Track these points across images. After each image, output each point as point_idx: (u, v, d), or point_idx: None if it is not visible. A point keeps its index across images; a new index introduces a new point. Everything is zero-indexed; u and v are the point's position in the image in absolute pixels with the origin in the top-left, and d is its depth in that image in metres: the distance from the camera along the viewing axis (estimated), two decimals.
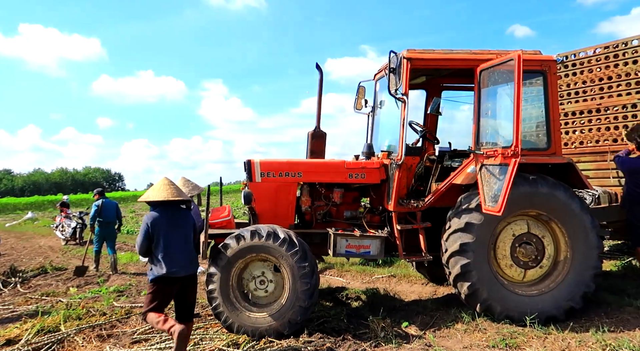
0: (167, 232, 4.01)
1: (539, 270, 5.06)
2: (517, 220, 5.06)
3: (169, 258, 3.96)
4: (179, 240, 4.04)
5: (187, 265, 4.07)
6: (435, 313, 5.38)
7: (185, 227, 4.14)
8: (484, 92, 5.12)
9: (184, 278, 4.06)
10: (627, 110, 6.83)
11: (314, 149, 6.21)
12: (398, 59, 4.86)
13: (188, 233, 4.16)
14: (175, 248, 4.01)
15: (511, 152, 4.47)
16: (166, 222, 4.04)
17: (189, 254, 4.11)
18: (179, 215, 4.16)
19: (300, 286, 4.67)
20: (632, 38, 6.86)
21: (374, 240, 5.25)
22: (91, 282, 8.54)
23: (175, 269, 3.95)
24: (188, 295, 4.20)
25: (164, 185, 4.16)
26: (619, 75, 6.91)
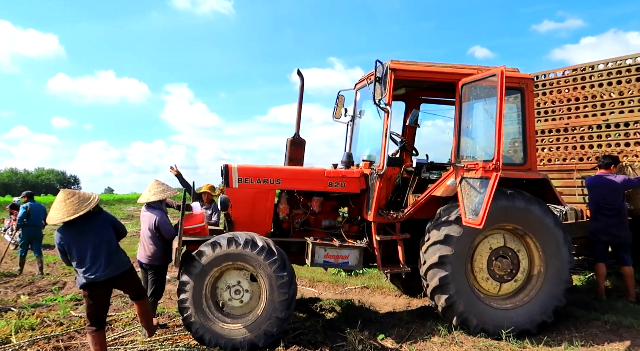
0: (78, 244, 4.03)
1: (514, 284, 5.13)
2: (494, 234, 5.12)
3: (86, 267, 4.01)
4: (92, 249, 4.04)
5: (105, 269, 4.04)
6: (411, 326, 5.34)
7: (98, 231, 4.11)
8: (464, 106, 5.18)
9: (106, 282, 4.09)
10: (592, 131, 7.12)
11: (292, 156, 6.07)
12: (384, 68, 4.85)
13: (102, 238, 4.11)
14: (90, 257, 4.02)
15: (492, 165, 4.52)
16: (75, 235, 4.05)
17: (106, 259, 4.07)
18: (87, 223, 4.08)
19: (277, 297, 4.51)
20: (598, 62, 7.20)
21: (352, 251, 5.17)
22: (44, 290, 8.02)
23: (93, 276, 4.00)
24: (126, 289, 4.42)
25: (59, 202, 4.05)
26: (586, 97, 7.21)
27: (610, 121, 6.88)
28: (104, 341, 4.25)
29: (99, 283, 4.06)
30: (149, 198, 5.04)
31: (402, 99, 6.85)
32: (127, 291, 4.50)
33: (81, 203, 4.04)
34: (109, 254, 4.12)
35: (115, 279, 4.18)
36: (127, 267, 4.30)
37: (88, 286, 4.05)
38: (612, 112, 6.87)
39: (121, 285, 4.34)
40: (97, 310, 4.14)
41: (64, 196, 4.08)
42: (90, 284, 4.04)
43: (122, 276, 4.23)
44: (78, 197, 4.09)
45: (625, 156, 6.69)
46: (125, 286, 4.39)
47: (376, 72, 4.87)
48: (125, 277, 4.28)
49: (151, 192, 5.08)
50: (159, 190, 5.10)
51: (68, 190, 4.17)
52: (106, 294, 4.22)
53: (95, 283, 4.04)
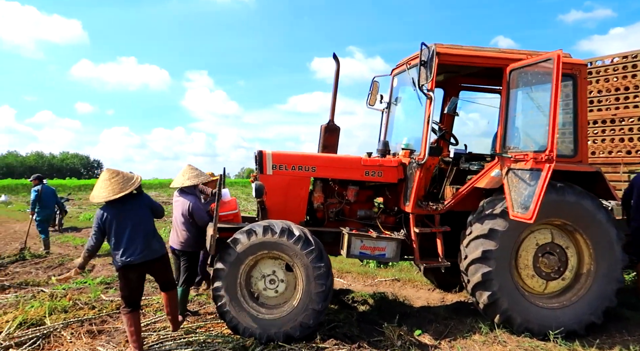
0: (118, 224, 4.01)
1: (561, 282, 4.86)
2: (541, 229, 4.85)
3: (122, 249, 4.00)
4: (130, 231, 4.02)
5: (144, 252, 4.04)
6: (449, 322, 5.13)
7: (137, 213, 4.10)
8: (513, 93, 4.89)
9: (142, 265, 4.06)
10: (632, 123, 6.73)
11: (326, 143, 5.88)
12: (430, 51, 4.59)
13: (141, 220, 4.11)
14: (128, 239, 4.01)
15: (545, 156, 4.24)
16: (116, 215, 4.03)
17: (142, 241, 4.05)
18: (128, 204, 4.09)
19: (314, 288, 4.36)
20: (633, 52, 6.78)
21: (390, 242, 4.97)
22: None
23: (129, 259, 3.99)
24: (157, 274, 4.30)
25: (104, 181, 4.06)
26: (637, 86, 6.81)
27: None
28: (139, 323, 4.18)
29: (134, 265, 4.03)
30: (183, 183, 4.94)
31: (441, 86, 6.56)
32: (158, 278, 4.38)
33: (125, 183, 4.04)
34: (146, 237, 4.08)
35: (150, 263, 4.12)
36: (163, 252, 4.24)
37: (123, 268, 4.04)
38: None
39: (154, 270, 4.26)
40: (131, 292, 4.13)
41: (109, 175, 4.08)
42: (125, 266, 4.02)
43: (157, 260, 4.18)
44: (122, 176, 4.09)
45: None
46: (157, 272, 4.30)
47: (421, 56, 4.61)
48: (160, 262, 4.22)
49: (185, 177, 4.98)
50: (193, 175, 4.99)
51: (112, 170, 4.14)
52: (140, 277, 4.19)
53: (130, 265, 4.02)
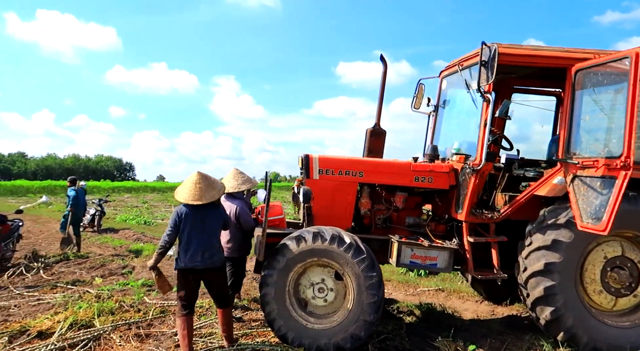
0: (192, 227, 4.07)
1: (632, 299, 4.50)
2: (610, 241, 4.51)
3: (189, 252, 4.05)
4: (201, 235, 4.08)
5: (205, 260, 4.07)
6: (504, 338, 4.85)
7: (210, 222, 4.14)
8: (578, 95, 4.58)
9: (202, 271, 4.10)
10: None
11: (372, 148, 5.70)
12: (491, 51, 4.33)
13: (213, 229, 4.16)
14: (196, 243, 4.05)
15: (621, 163, 3.92)
16: (192, 217, 4.09)
17: (209, 249, 4.10)
18: (206, 211, 4.15)
19: (366, 298, 4.17)
20: None
21: (442, 252, 4.73)
22: (115, 273, 8.14)
23: (192, 264, 4.04)
24: (213, 286, 4.26)
25: (192, 184, 4.14)
26: None
27: None
28: (192, 327, 4.18)
29: (196, 271, 4.09)
30: (238, 187, 4.90)
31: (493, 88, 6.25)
32: (214, 291, 4.31)
33: (207, 192, 4.12)
34: (213, 248, 4.14)
35: (210, 272, 4.16)
36: (222, 263, 4.29)
37: (185, 271, 4.10)
38: None
39: (212, 281, 4.24)
40: (188, 294, 4.16)
41: (197, 178, 4.17)
42: (187, 269, 4.08)
43: (216, 270, 4.21)
44: (207, 183, 4.17)
45: None
46: (214, 284, 4.27)
47: (482, 55, 4.36)
48: (218, 274, 4.25)
49: (238, 181, 4.93)
50: (245, 179, 4.94)
51: (202, 174, 4.22)
52: (197, 283, 4.22)
53: (192, 270, 4.08)
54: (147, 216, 18.96)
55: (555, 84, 6.19)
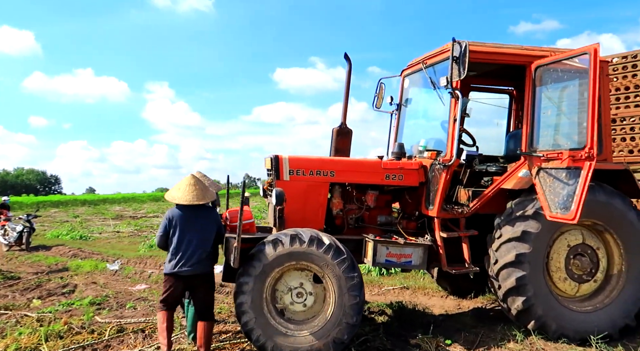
0: (184, 230, 3.96)
1: (593, 284, 4.73)
2: (572, 230, 4.71)
3: (179, 256, 3.93)
4: (193, 239, 3.96)
5: (195, 265, 3.94)
6: (478, 330, 4.90)
7: (204, 227, 4.04)
8: (539, 91, 4.76)
9: (190, 277, 3.96)
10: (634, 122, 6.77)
11: (338, 147, 5.59)
12: (462, 47, 4.39)
13: (207, 232, 4.06)
14: (187, 247, 3.94)
15: (585, 154, 4.11)
16: (185, 220, 3.99)
17: (200, 254, 3.98)
18: (200, 213, 4.07)
19: (348, 300, 4.03)
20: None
21: (416, 249, 4.71)
22: (55, 293, 7.38)
23: (182, 268, 3.91)
24: (199, 295, 4.10)
25: (189, 185, 4.06)
26: (637, 86, 6.86)
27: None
28: (172, 323, 4.13)
29: (182, 276, 3.96)
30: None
31: None
32: (198, 300, 4.15)
33: (206, 191, 4.08)
34: (204, 253, 4.01)
35: (196, 278, 4.02)
36: (210, 271, 4.17)
37: (172, 275, 3.97)
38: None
39: (197, 288, 4.10)
40: (171, 297, 4.07)
41: (193, 180, 4.10)
42: (174, 274, 3.95)
43: (202, 278, 4.07)
44: (203, 186, 4.12)
45: None
46: (199, 292, 4.11)
47: (453, 52, 4.41)
48: (205, 281, 4.10)
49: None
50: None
51: (197, 177, 4.16)
52: (183, 289, 4.13)
53: (178, 275, 3.95)
54: (82, 231, 17.58)
55: (508, 82, 6.47)
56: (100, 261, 10.27)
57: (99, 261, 10.25)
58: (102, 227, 18.75)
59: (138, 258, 10.43)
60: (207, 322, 4.07)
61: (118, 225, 19.36)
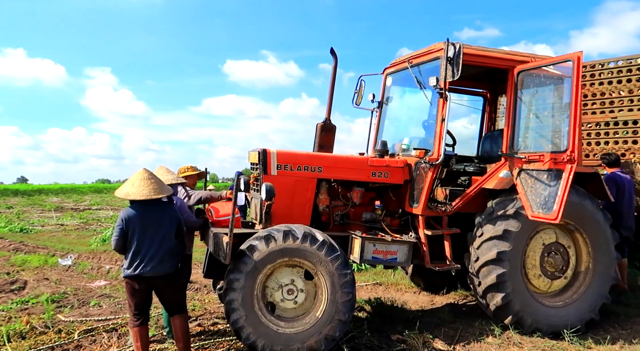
0: (142, 229, 3.66)
1: (564, 281, 5.00)
2: (546, 229, 4.95)
3: (138, 257, 3.63)
4: (153, 238, 3.67)
5: (157, 266, 3.64)
6: (456, 326, 5.04)
7: (164, 224, 3.73)
8: (521, 94, 4.95)
9: (152, 279, 3.67)
10: (600, 128, 7.24)
11: (322, 143, 5.55)
12: (456, 48, 4.45)
13: (167, 230, 3.74)
14: (147, 247, 3.64)
15: (567, 157, 4.31)
16: (142, 218, 3.68)
17: (161, 253, 3.67)
18: (158, 210, 3.76)
19: (340, 297, 4.00)
20: (608, 60, 7.33)
21: (401, 246, 4.76)
22: (2, 290, 6.80)
23: (143, 270, 3.61)
24: (165, 296, 3.84)
25: (144, 180, 3.75)
26: (595, 94, 7.31)
27: (619, 119, 7.00)
28: (146, 337, 3.79)
29: (144, 278, 3.65)
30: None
31: None
32: (165, 299, 3.88)
33: (162, 185, 3.80)
34: (166, 252, 3.70)
35: (159, 280, 3.71)
36: (173, 270, 3.78)
37: (132, 278, 3.66)
38: (620, 110, 6.99)
39: (161, 288, 3.79)
40: (139, 304, 3.74)
41: (147, 175, 3.79)
42: (134, 277, 3.64)
43: (167, 278, 3.73)
44: (157, 179, 3.83)
45: (632, 153, 6.85)
46: (165, 292, 3.82)
47: (447, 52, 4.47)
48: (170, 282, 3.78)
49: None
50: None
51: (149, 171, 3.85)
52: (148, 291, 3.78)
53: (139, 277, 3.63)
54: (21, 223, 16.35)
55: (482, 85, 6.69)
56: (49, 256, 9.60)
57: (47, 255, 9.57)
58: (43, 219, 17.55)
59: (91, 253, 9.85)
60: (180, 316, 3.84)
61: (61, 218, 18.22)
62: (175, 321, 3.81)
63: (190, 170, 5.09)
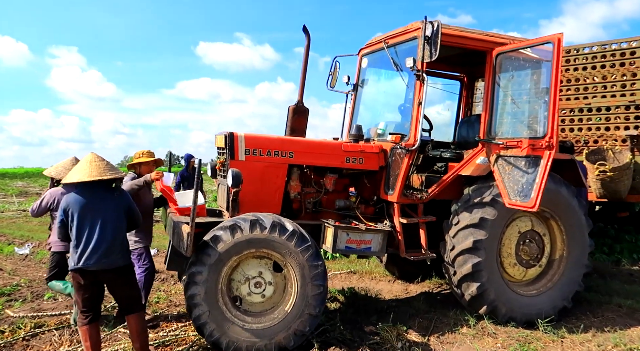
0: (84, 217, 3.34)
1: (538, 269, 4.92)
2: (522, 217, 4.84)
3: (82, 249, 3.32)
4: (97, 229, 3.34)
5: (102, 258, 3.32)
6: (430, 316, 4.92)
7: (111, 212, 3.42)
8: (499, 78, 4.78)
9: (98, 273, 3.35)
10: (574, 114, 7.20)
11: (294, 126, 5.25)
12: (434, 27, 4.21)
13: (113, 220, 3.42)
14: (91, 238, 3.32)
15: (546, 143, 4.17)
16: (85, 206, 3.35)
17: (105, 245, 3.34)
18: (104, 199, 3.44)
19: (311, 290, 3.79)
20: (583, 45, 7.26)
21: (375, 235, 4.56)
22: None
23: (87, 263, 3.29)
24: (116, 291, 3.55)
25: (88, 163, 3.46)
26: (569, 80, 7.26)
27: (593, 105, 6.97)
28: (97, 336, 3.48)
29: (90, 272, 3.34)
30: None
31: None
32: (117, 295, 3.60)
33: (107, 169, 3.44)
34: (112, 242, 3.38)
35: (107, 273, 3.38)
36: (122, 264, 3.45)
37: (75, 272, 3.36)
38: (594, 96, 6.96)
39: (112, 283, 3.50)
40: (87, 300, 3.43)
41: (94, 157, 3.49)
42: (77, 270, 3.34)
43: (116, 272, 3.41)
44: (106, 163, 3.52)
45: (605, 140, 6.84)
46: (115, 287, 3.52)
47: (425, 31, 4.23)
48: (120, 275, 3.46)
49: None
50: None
51: (97, 154, 3.52)
52: (97, 285, 3.47)
53: (82, 271, 3.33)
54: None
55: (459, 68, 6.50)
56: (5, 244, 9.06)
57: (3, 244, 9.03)
58: (3, 205, 16.68)
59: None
60: (135, 315, 3.52)
61: (23, 203, 17.37)
62: (130, 320, 3.50)
63: (145, 155, 4.73)
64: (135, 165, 4.70)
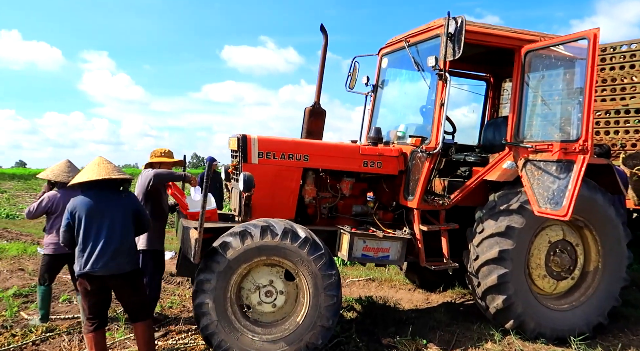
0: (91, 220, 3.27)
1: (570, 282, 4.59)
2: (553, 226, 4.52)
3: (88, 253, 3.25)
4: (104, 232, 3.27)
5: (109, 263, 3.24)
6: (453, 329, 4.65)
7: (118, 215, 3.34)
8: (529, 77, 4.48)
9: (105, 278, 3.28)
10: (610, 116, 6.78)
11: (311, 129, 5.08)
12: (458, 23, 3.97)
13: (120, 223, 3.34)
14: (97, 242, 3.25)
15: (579, 146, 3.87)
16: (92, 209, 3.29)
17: (114, 249, 3.27)
18: (111, 200, 3.38)
19: (324, 301, 3.60)
20: (621, 43, 6.83)
21: (394, 243, 4.34)
22: None
23: (94, 267, 3.22)
24: (124, 298, 3.46)
25: (98, 164, 3.43)
26: (605, 80, 6.84)
27: (630, 106, 6.54)
28: (104, 344, 3.41)
29: (97, 277, 3.26)
30: None
31: None
32: (125, 302, 3.50)
33: (115, 170, 3.41)
34: (120, 246, 3.30)
35: (116, 279, 3.29)
36: (129, 269, 3.35)
37: (81, 277, 3.29)
38: (632, 97, 6.53)
39: (119, 289, 3.39)
40: (94, 306, 3.36)
41: (101, 160, 3.48)
42: (84, 275, 3.26)
43: (125, 277, 3.31)
44: (114, 165, 3.51)
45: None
46: (122, 294, 3.43)
47: (448, 28, 3.99)
48: (128, 281, 3.37)
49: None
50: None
51: (105, 158, 3.52)
52: (104, 291, 3.39)
53: (89, 276, 3.25)
54: (8, 208, 15.93)
55: (484, 68, 6.20)
56: (29, 244, 9.20)
57: (28, 244, 9.18)
58: None
59: None
60: (142, 323, 3.43)
61: None
62: (136, 328, 3.41)
63: (166, 155, 4.63)
64: (154, 163, 4.60)
